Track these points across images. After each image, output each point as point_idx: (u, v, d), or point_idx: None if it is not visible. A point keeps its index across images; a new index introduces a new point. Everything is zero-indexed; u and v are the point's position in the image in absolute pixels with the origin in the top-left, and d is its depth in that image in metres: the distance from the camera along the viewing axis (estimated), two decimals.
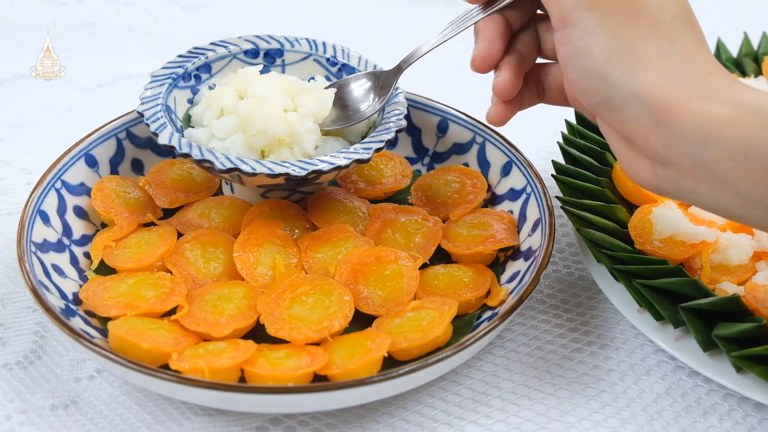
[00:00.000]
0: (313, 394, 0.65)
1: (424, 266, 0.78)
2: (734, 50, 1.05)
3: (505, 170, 0.85)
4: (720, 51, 1.02)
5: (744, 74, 0.99)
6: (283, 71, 0.86)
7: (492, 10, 0.73)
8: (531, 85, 0.76)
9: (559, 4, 0.65)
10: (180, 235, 0.79)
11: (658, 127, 0.61)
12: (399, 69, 0.80)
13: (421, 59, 0.79)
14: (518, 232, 0.81)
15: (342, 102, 0.81)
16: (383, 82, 0.81)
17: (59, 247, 0.78)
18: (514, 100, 0.75)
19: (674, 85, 0.61)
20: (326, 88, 0.81)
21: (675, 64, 0.62)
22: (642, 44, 0.62)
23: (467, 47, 1.18)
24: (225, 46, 0.85)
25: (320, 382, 0.67)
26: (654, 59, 0.62)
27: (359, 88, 0.81)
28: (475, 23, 0.74)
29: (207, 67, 0.84)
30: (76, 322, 0.70)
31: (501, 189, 0.86)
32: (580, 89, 0.65)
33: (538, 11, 0.75)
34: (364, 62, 0.85)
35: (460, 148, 0.89)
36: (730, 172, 0.59)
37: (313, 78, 0.86)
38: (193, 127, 0.81)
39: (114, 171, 0.85)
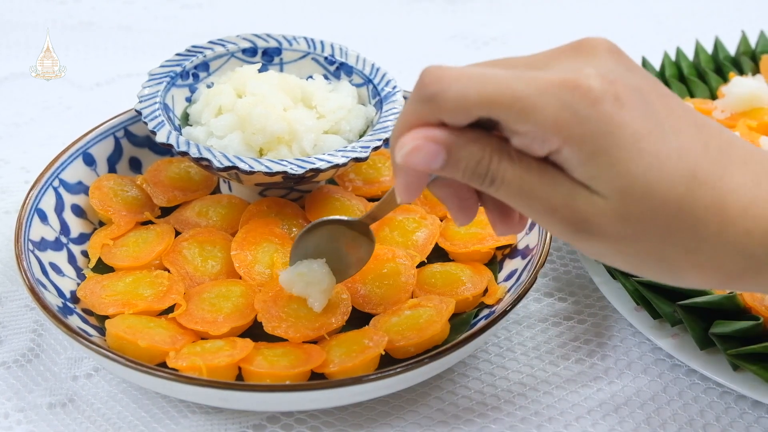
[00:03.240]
0: (311, 392, 0.65)
1: (421, 264, 0.78)
2: (732, 49, 1.05)
3: None
4: (718, 50, 1.02)
5: (742, 72, 0.99)
6: (281, 70, 0.86)
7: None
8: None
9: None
10: (178, 233, 0.79)
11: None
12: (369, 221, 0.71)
13: (420, 59, 0.79)
14: None
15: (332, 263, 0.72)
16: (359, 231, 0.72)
17: (57, 245, 0.78)
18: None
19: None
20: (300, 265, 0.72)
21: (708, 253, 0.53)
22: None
23: (465, 46, 1.19)
24: (223, 45, 0.85)
25: (317, 380, 0.67)
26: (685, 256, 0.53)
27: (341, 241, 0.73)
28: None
29: (205, 66, 0.84)
30: (74, 321, 0.70)
31: None
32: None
33: None
34: (362, 61, 0.85)
35: None
36: None
37: (311, 77, 0.86)
38: (191, 126, 0.81)
39: (112, 169, 0.85)
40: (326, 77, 0.86)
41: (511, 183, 0.52)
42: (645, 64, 0.98)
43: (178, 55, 0.84)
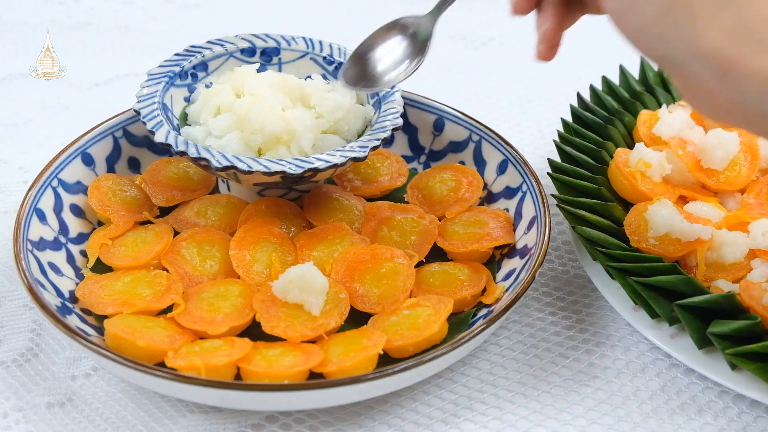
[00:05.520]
0: (309, 392, 0.65)
1: (419, 264, 0.78)
2: None
3: (501, 168, 0.86)
4: None
5: None
6: (280, 70, 0.86)
7: None
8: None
9: None
10: (176, 233, 0.79)
11: (722, 83, 0.58)
12: (438, 11, 0.80)
13: None
14: (514, 230, 0.81)
15: (373, 65, 0.80)
16: (418, 35, 0.79)
17: (56, 245, 0.78)
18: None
19: (734, 40, 0.57)
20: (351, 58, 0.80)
21: (732, 15, 0.57)
22: None
23: (463, 46, 1.19)
24: (222, 45, 0.85)
25: (316, 379, 0.67)
26: (710, 12, 0.57)
27: (393, 49, 0.80)
28: None
29: (204, 66, 0.84)
30: (73, 320, 0.70)
31: (497, 187, 0.86)
32: (635, 44, 0.62)
33: None
34: None
35: (456, 147, 0.89)
36: None
37: (309, 77, 0.86)
38: (189, 126, 0.81)
39: (111, 169, 0.85)
40: (325, 77, 0.86)
41: None
42: (643, 64, 0.98)
43: (176, 55, 0.84)
